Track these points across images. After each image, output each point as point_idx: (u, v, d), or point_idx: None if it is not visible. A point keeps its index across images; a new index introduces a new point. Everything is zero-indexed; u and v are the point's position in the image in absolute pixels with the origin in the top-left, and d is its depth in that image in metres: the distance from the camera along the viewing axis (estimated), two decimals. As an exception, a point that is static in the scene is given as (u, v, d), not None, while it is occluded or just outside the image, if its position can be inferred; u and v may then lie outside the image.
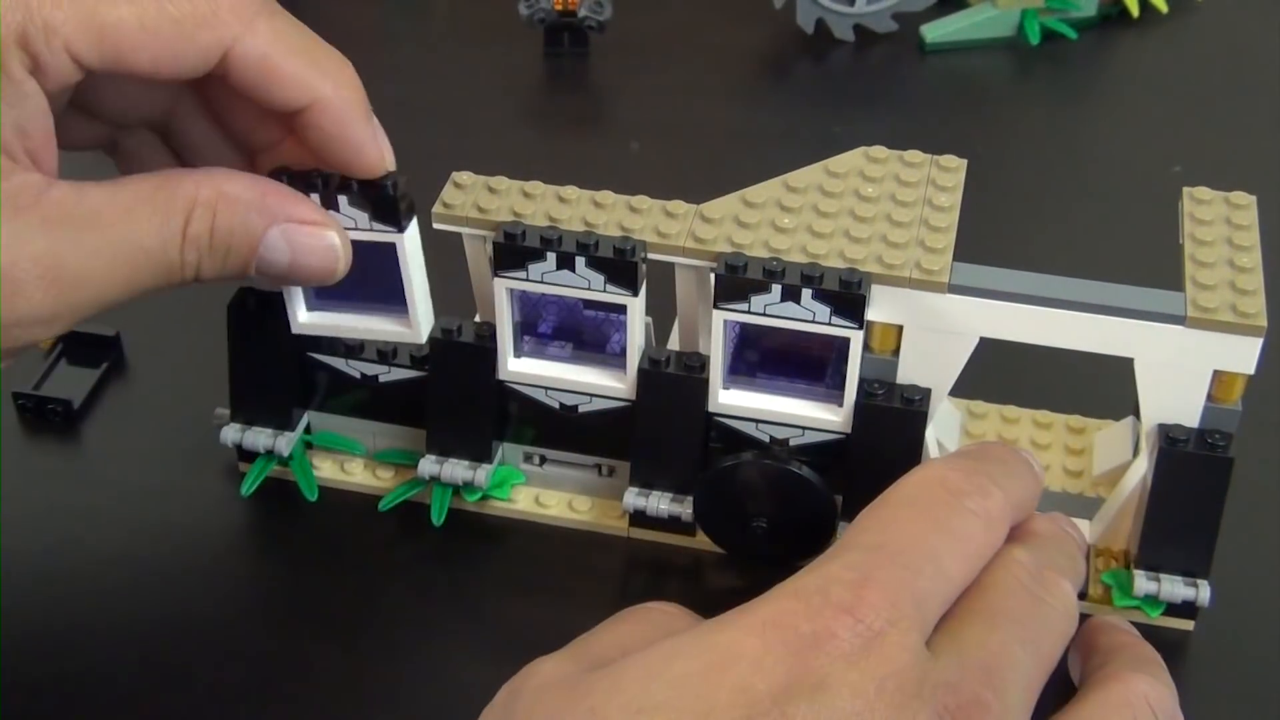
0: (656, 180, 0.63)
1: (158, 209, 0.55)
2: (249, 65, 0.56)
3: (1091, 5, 1.03)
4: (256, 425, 0.68)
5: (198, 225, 0.56)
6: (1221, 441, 0.61)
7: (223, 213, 0.56)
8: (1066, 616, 0.53)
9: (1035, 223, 0.86)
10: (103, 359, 0.76)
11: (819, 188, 0.64)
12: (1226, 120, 0.96)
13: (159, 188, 0.55)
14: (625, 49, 1.01)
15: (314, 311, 0.66)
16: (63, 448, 0.73)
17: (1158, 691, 0.54)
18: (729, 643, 0.48)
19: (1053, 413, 0.72)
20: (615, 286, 0.62)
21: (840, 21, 1.01)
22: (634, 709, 0.47)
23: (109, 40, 0.54)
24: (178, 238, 0.55)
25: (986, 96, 0.99)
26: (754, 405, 0.64)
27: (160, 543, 0.68)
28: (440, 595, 0.65)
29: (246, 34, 0.56)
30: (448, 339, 0.65)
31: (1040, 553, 0.55)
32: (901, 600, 0.49)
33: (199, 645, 0.63)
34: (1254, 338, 0.59)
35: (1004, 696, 0.49)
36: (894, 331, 0.62)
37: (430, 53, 1.01)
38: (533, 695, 0.49)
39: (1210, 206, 0.64)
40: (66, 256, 0.53)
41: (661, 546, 0.67)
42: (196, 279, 0.57)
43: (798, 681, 0.47)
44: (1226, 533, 0.62)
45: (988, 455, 0.57)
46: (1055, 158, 0.93)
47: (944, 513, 0.53)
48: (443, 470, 0.67)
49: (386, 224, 0.61)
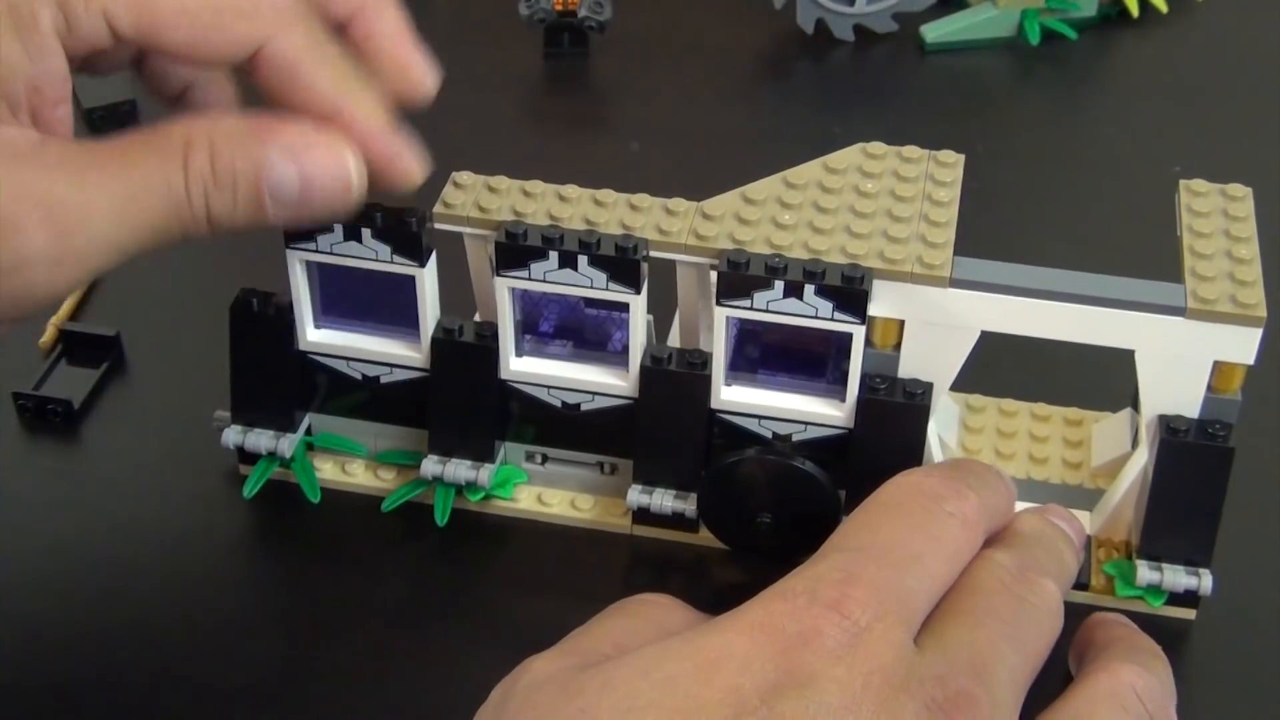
0: (656, 180, 0.64)
1: (154, 148, 0.54)
2: (277, 68, 0.56)
3: (1091, 5, 1.03)
4: (258, 427, 0.68)
5: (198, 159, 0.54)
6: (1222, 432, 0.61)
7: (220, 142, 0.54)
8: (1050, 615, 0.54)
9: (1035, 223, 0.86)
10: (103, 359, 0.76)
11: (818, 184, 0.64)
12: (1226, 120, 0.96)
13: (152, 131, 0.55)
14: (625, 49, 1.01)
15: (322, 329, 0.66)
16: (63, 448, 0.72)
17: (1146, 681, 0.54)
18: (718, 644, 0.49)
19: (1050, 405, 0.73)
20: (618, 284, 0.62)
21: (840, 21, 1.01)
22: (624, 708, 0.47)
23: (146, 13, 0.54)
24: (180, 172, 0.54)
25: (986, 96, 0.99)
26: (757, 401, 0.64)
27: (160, 543, 0.68)
28: (445, 595, 0.65)
29: (281, 36, 0.56)
30: (449, 339, 0.65)
31: (1023, 553, 0.55)
32: (887, 598, 0.50)
33: (199, 647, 0.63)
34: (1254, 328, 0.59)
35: (991, 690, 0.49)
36: (895, 326, 0.63)
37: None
38: (524, 694, 0.50)
39: (1207, 199, 0.64)
40: (66, 195, 0.52)
41: (665, 543, 0.67)
42: (210, 221, 0.55)
43: (786, 679, 0.47)
44: (1227, 522, 0.62)
45: (962, 466, 0.59)
46: (1055, 158, 0.93)
47: (924, 516, 0.54)
48: (446, 470, 0.67)
49: (409, 259, 0.62)
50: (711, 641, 0.49)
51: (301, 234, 0.63)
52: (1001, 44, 1.03)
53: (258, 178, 0.55)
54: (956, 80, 1.00)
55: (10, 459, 0.72)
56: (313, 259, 0.64)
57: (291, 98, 0.56)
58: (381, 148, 0.57)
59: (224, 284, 0.68)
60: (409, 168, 0.58)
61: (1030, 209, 0.88)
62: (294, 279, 0.65)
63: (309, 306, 0.66)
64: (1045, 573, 0.55)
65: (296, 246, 0.64)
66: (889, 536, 0.53)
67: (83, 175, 0.52)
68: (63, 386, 0.74)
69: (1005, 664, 0.50)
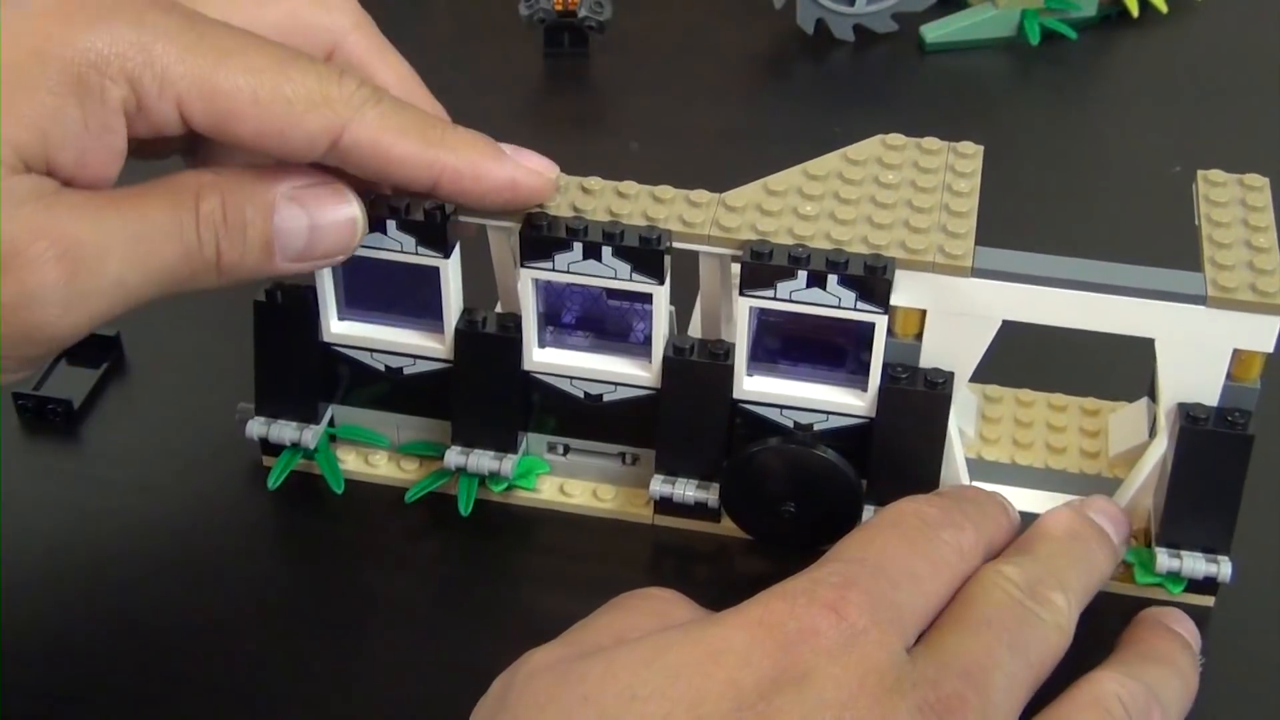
0: (657, 180, 0.64)
1: (167, 193, 0.54)
2: (362, 152, 0.56)
3: (1091, 5, 1.03)
4: (282, 419, 0.69)
5: (209, 203, 0.54)
6: (1241, 419, 0.61)
7: (231, 189, 0.55)
8: (1058, 630, 0.54)
9: (1034, 223, 0.87)
10: (103, 359, 0.75)
11: (839, 175, 0.65)
12: (1226, 121, 0.96)
13: (166, 178, 0.55)
14: (625, 49, 1.01)
15: (345, 321, 0.67)
16: (63, 448, 0.72)
17: (1129, 688, 0.54)
18: (719, 636, 0.50)
19: (1067, 395, 0.73)
20: (641, 275, 0.62)
21: (840, 21, 1.02)
22: (628, 695, 0.48)
23: (220, 106, 0.53)
24: (191, 216, 0.54)
25: (986, 96, 1.00)
26: (779, 391, 0.64)
27: (161, 543, 0.68)
28: (471, 586, 0.66)
29: (355, 120, 0.55)
30: (473, 330, 0.66)
31: (1037, 565, 0.56)
32: (881, 606, 0.51)
33: (204, 647, 0.63)
34: (1274, 316, 0.60)
35: (985, 694, 0.50)
36: (917, 316, 0.63)
37: (430, 53, 1.01)
38: (524, 682, 0.50)
39: (1225, 189, 0.65)
40: (81, 233, 0.52)
41: (687, 533, 0.68)
42: (219, 267, 0.55)
43: (783, 674, 0.49)
44: (1245, 509, 0.63)
45: (964, 496, 0.60)
46: (1055, 158, 0.93)
47: (922, 541, 0.55)
48: (469, 461, 0.67)
49: (434, 250, 0.63)
50: (712, 634, 0.50)
51: None
52: (1001, 44, 1.03)
53: (268, 223, 0.56)
54: (956, 80, 1.00)
55: (10, 459, 0.71)
56: (337, 251, 0.65)
57: (383, 175, 0.57)
58: (498, 175, 0.59)
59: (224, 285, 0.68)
60: (533, 183, 0.60)
61: (1030, 209, 0.88)
62: (318, 272, 0.65)
63: (333, 299, 0.66)
64: (1061, 584, 0.56)
65: (321, 239, 0.64)
66: (885, 552, 0.54)
67: (99, 215, 0.52)
68: (63, 386, 0.74)
69: (1003, 670, 0.51)
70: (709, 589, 0.66)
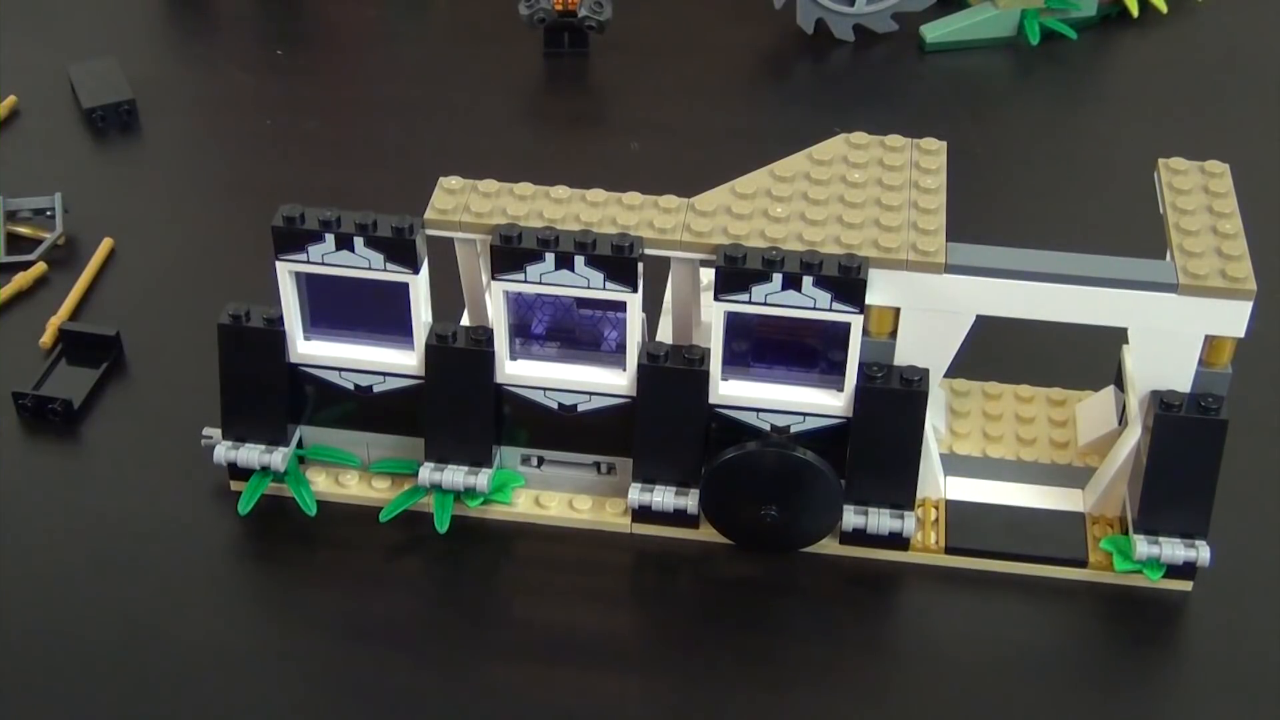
0: (657, 180, 0.64)
1: None
2: None
3: (1091, 5, 1.03)
4: (249, 442, 0.68)
5: None
6: (1214, 404, 0.62)
7: None
8: None
9: (1034, 222, 0.87)
10: (103, 359, 0.75)
11: (806, 175, 0.65)
12: (1226, 121, 0.97)
13: None
14: (625, 49, 1.01)
15: (312, 340, 0.66)
16: (63, 448, 0.72)
17: None
18: None
19: (1033, 387, 0.73)
20: (615, 284, 0.62)
21: (840, 21, 1.02)
22: None
23: None
24: None
25: (986, 96, 0.99)
26: (755, 395, 0.64)
27: (161, 544, 0.67)
28: (450, 602, 0.65)
29: None
30: (444, 345, 0.65)
31: None
32: None
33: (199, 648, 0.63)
34: (1244, 301, 0.60)
35: None
36: (891, 314, 0.63)
37: (430, 53, 1.00)
38: None
39: (1187, 176, 0.65)
40: None
41: (666, 540, 0.67)
42: None
43: None
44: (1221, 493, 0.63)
45: None
46: (1055, 158, 0.93)
47: None
48: (443, 477, 0.66)
49: (403, 266, 0.62)
50: None
51: (292, 244, 0.63)
52: (1001, 44, 1.03)
53: None
54: (956, 80, 1.00)
55: (10, 459, 0.71)
56: (303, 270, 0.64)
57: None
58: None
59: (224, 285, 0.67)
60: None
61: (1030, 209, 0.88)
62: (283, 291, 0.64)
63: (299, 318, 0.65)
64: None
65: (286, 258, 0.63)
66: None
67: None
68: (63, 386, 0.74)
69: None
70: (695, 595, 0.66)
